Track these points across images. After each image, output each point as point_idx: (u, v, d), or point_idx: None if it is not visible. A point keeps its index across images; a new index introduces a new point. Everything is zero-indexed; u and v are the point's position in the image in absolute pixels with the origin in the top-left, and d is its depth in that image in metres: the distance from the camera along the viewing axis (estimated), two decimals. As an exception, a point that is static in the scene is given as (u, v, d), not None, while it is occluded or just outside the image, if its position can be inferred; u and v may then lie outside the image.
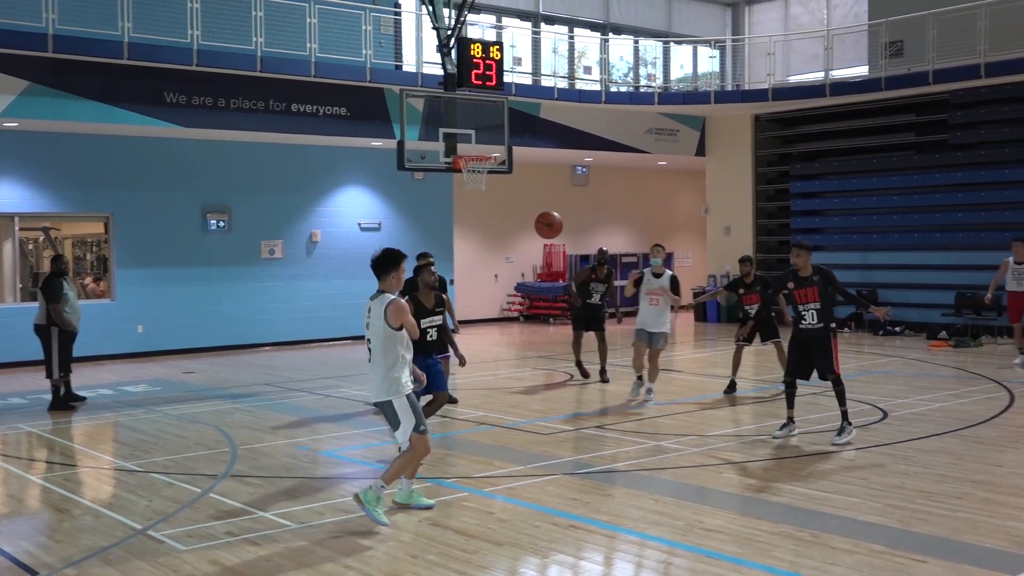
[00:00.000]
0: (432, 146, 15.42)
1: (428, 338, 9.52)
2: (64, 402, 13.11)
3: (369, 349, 7.45)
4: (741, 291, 13.57)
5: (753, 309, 13.21)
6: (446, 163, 15.13)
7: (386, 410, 7.48)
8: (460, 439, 10.82)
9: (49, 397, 13.20)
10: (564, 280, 25.95)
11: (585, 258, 26.28)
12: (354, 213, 21.94)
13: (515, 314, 26.37)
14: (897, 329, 20.88)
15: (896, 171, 22.56)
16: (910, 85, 21.10)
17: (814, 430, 10.51)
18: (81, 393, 13.69)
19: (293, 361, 18.44)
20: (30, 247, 19.41)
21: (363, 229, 22.04)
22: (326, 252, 21.53)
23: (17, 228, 18.36)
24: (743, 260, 13.75)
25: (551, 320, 25.59)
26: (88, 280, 19.95)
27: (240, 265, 20.35)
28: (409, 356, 7.49)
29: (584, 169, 27.44)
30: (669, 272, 12.97)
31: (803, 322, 10.02)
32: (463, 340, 22.18)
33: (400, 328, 7.31)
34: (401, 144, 14.68)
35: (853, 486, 8.28)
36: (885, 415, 11.14)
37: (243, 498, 8.26)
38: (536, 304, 26.14)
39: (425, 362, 9.10)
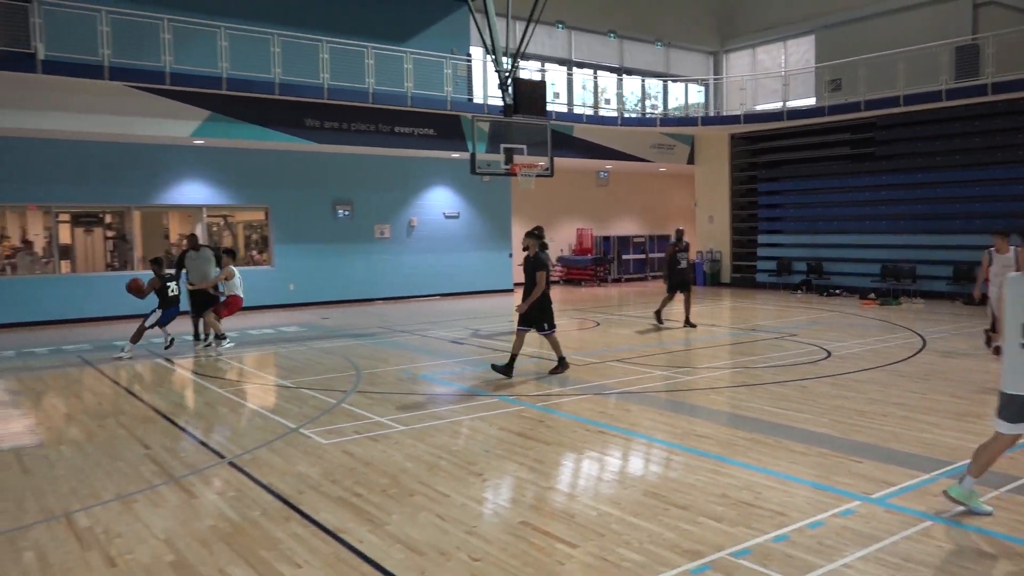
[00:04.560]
0: (495, 157, 15.31)
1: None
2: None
3: None
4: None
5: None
6: (506, 169, 15.03)
7: (1012, 401, 4.76)
8: (519, 369, 10.73)
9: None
10: (592, 254, 25.81)
11: (607, 239, 26.05)
12: (440, 205, 21.88)
13: (557, 279, 26.21)
14: (837, 291, 20.50)
15: (836, 175, 21.98)
16: (846, 112, 20.48)
17: (778, 364, 10.33)
18: (232, 334, 13.59)
19: (398, 311, 18.49)
20: (214, 229, 19.64)
21: (447, 217, 21.98)
22: (420, 233, 21.52)
23: (205, 216, 18.58)
24: (527, 235, 9.96)
25: (582, 283, 25.46)
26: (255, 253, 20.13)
27: (360, 242, 20.43)
28: None
29: (605, 174, 27.08)
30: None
31: None
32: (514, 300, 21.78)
33: None
34: (473, 156, 14.62)
35: (806, 405, 8.14)
36: (829, 354, 10.91)
37: (365, 407, 8.29)
38: (572, 272, 25.96)
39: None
